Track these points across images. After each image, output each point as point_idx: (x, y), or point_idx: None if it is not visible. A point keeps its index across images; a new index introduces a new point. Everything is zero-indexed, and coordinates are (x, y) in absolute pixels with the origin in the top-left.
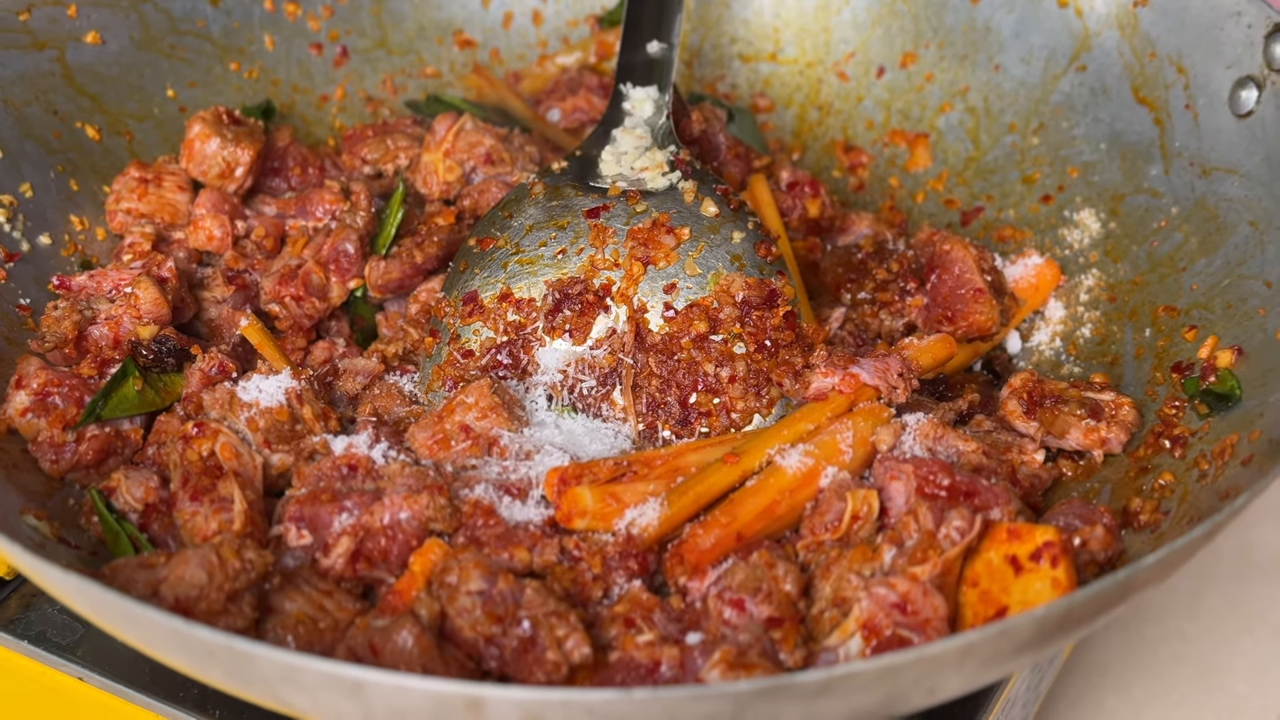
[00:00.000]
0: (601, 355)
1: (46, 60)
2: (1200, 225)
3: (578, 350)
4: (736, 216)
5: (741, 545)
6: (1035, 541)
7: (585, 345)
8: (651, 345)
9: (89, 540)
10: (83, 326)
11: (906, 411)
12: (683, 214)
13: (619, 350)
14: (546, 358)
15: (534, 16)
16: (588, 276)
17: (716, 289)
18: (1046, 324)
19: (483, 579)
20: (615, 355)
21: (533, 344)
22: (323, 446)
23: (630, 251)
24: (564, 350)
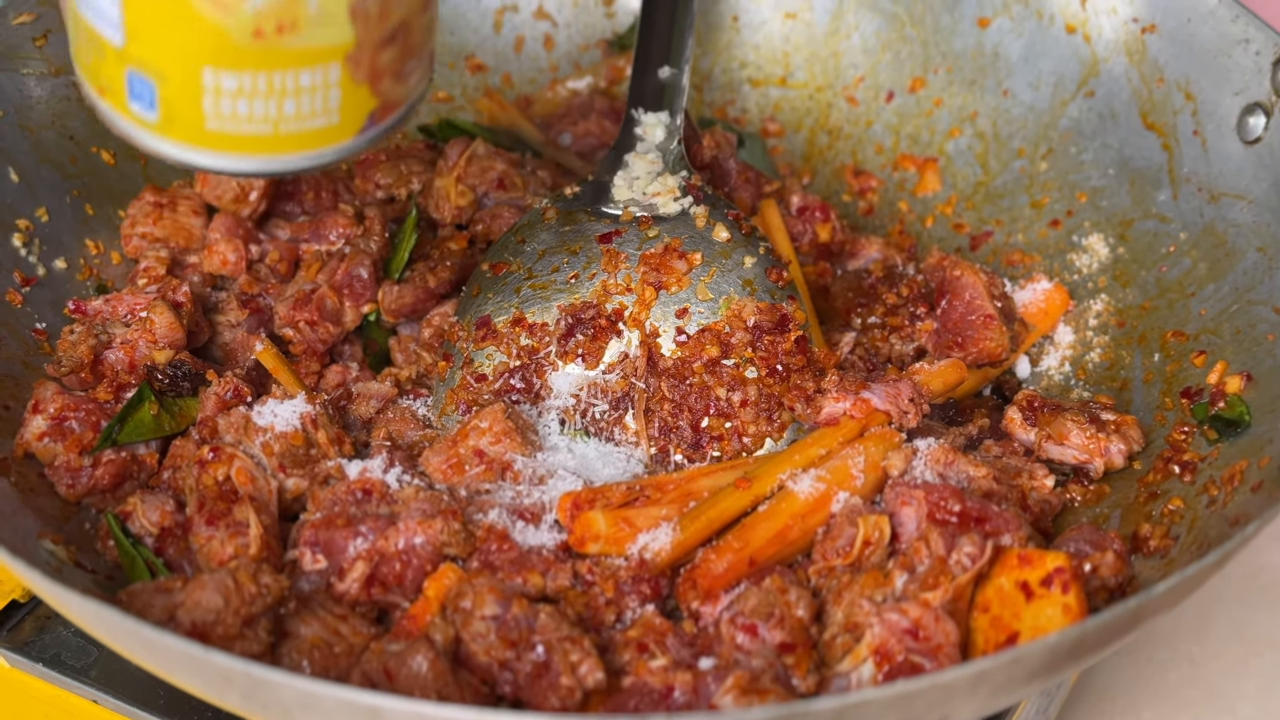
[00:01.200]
0: (614, 380)
1: (63, 85)
2: (1209, 251)
3: (590, 375)
4: (748, 241)
5: (754, 570)
6: (1046, 567)
7: (598, 370)
8: (663, 370)
9: (105, 565)
10: (98, 351)
11: (917, 436)
12: (694, 239)
13: (631, 375)
14: (559, 382)
15: (545, 41)
16: (600, 301)
17: (728, 314)
18: (1056, 349)
19: (497, 604)
20: (628, 380)
21: (545, 368)
22: (337, 471)
23: (642, 276)
24: (577, 375)
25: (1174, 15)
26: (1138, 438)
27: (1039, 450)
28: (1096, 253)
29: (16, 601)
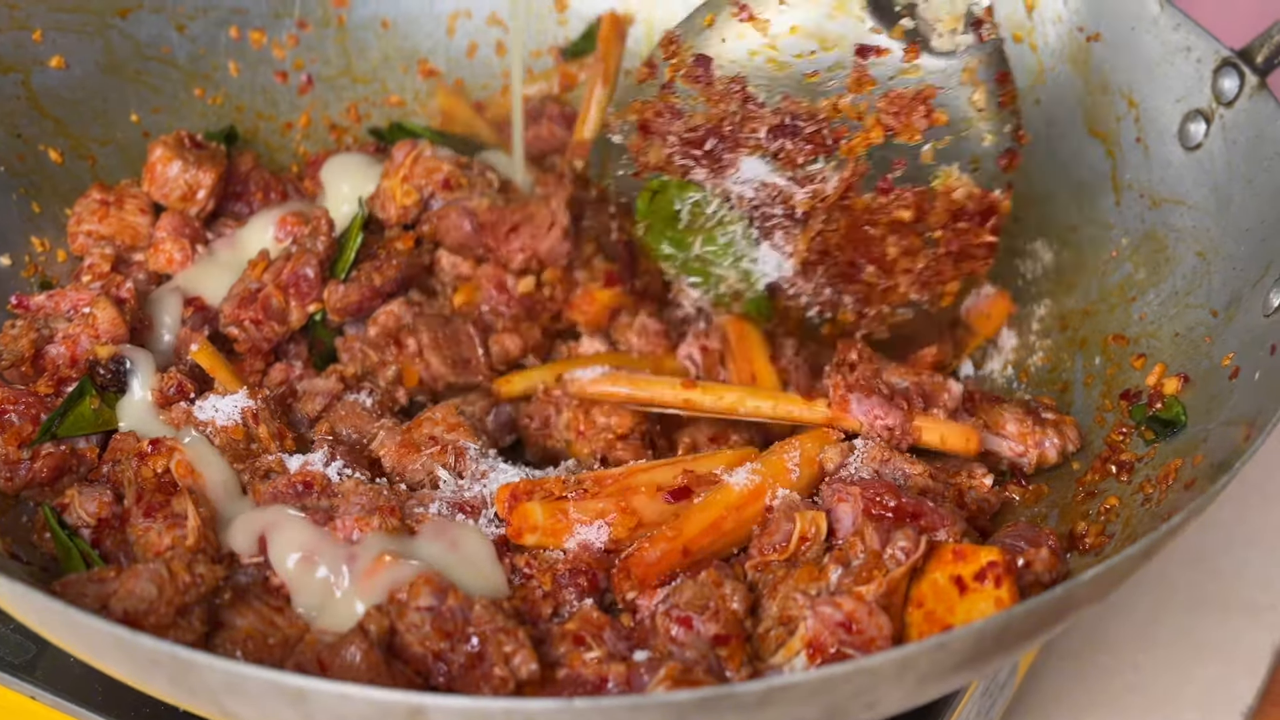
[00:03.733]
0: (801, 196)
1: (11, 84)
2: (1149, 256)
3: (779, 179)
4: (999, 116)
5: (689, 561)
6: (980, 562)
7: (787, 177)
8: (850, 207)
9: (41, 556)
10: (40, 345)
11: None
12: (949, 95)
13: (818, 199)
14: (749, 168)
15: (497, 47)
16: (826, 116)
17: (941, 186)
18: (999, 352)
19: (432, 595)
20: (813, 202)
21: (742, 147)
22: (278, 464)
23: (879, 112)
24: (765, 171)
25: (1118, 24)
26: (1074, 437)
27: None
28: (1041, 258)
29: None
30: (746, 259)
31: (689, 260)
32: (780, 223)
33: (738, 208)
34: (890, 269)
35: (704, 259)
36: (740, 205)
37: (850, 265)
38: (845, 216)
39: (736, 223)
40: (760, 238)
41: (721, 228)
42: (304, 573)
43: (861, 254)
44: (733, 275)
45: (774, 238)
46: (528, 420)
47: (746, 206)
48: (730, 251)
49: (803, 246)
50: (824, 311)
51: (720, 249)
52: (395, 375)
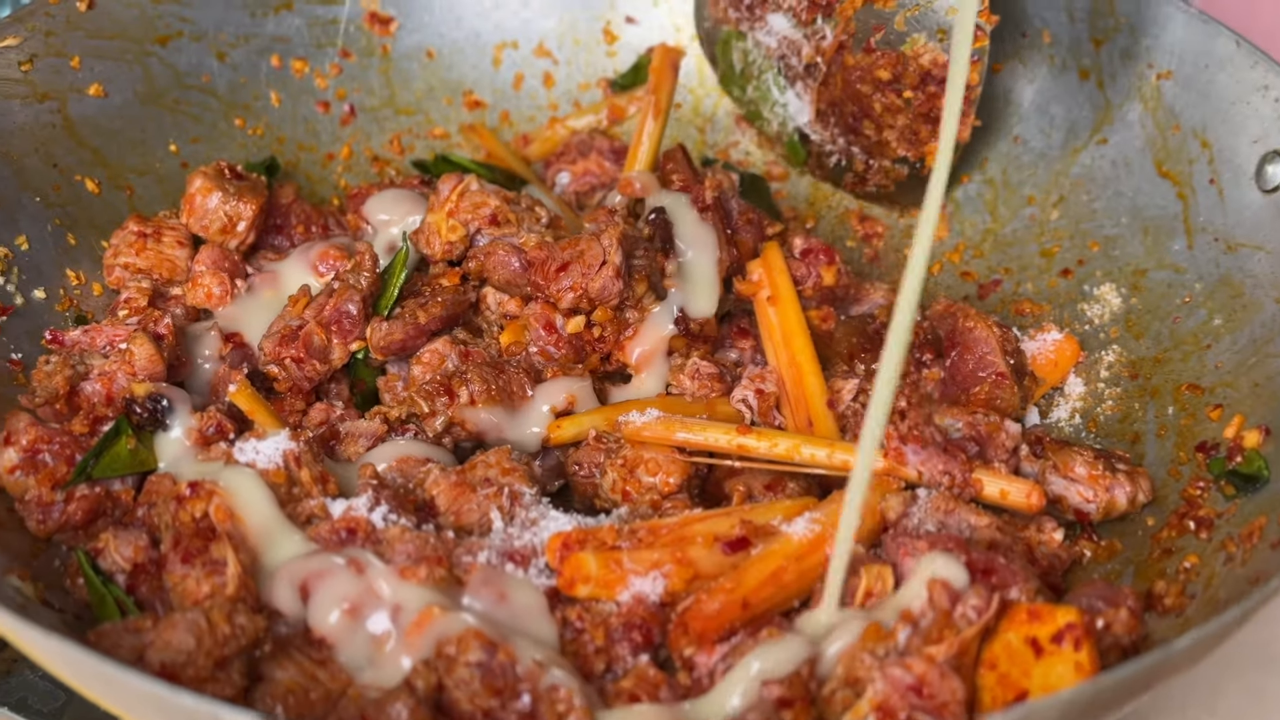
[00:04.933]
0: (808, 49)
1: (47, 112)
2: (1225, 302)
3: (794, 33)
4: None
5: (748, 615)
6: (1057, 623)
7: (801, 33)
8: (845, 64)
9: (74, 603)
10: (75, 382)
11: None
12: None
13: (819, 53)
14: (775, 22)
15: (545, 79)
16: None
17: (911, 51)
18: (1066, 400)
19: (482, 650)
20: (815, 55)
21: (768, 3)
22: (320, 510)
23: None
24: (787, 27)
25: (1191, 61)
26: (1146, 488)
27: (1042, 481)
28: (1108, 303)
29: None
30: (779, 104)
31: (746, 102)
32: (798, 72)
33: (769, 57)
34: (879, 123)
35: (755, 101)
36: (770, 55)
37: (853, 118)
38: (841, 72)
39: (769, 70)
40: (786, 85)
41: (761, 75)
42: (348, 625)
43: (857, 105)
44: (774, 120)
45: (796, 86)
46: (576, 467)
47: (774, 56)
48: (769, 97)
49: (814, 95)
50: (841, 159)
51: (762, 94)
52: (444, 424)
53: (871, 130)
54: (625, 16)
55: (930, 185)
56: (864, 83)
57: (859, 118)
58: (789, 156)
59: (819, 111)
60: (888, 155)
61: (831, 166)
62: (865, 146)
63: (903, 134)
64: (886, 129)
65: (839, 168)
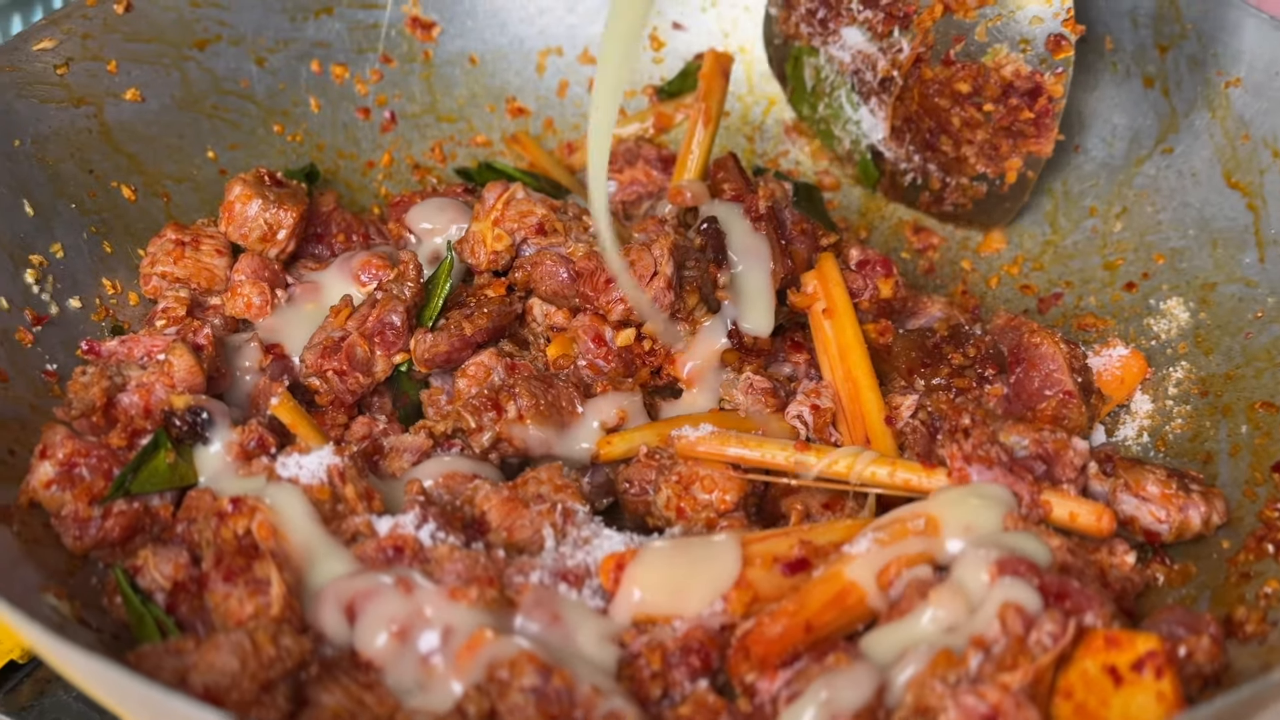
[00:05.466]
0: (883, 63)
1: (84, 117)
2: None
3: (869, 47)
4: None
5: (812, 639)
6: (1137, 650)
7: (876, 46)
8: (922, 77)
9: (111, 623)
10: (112, 394)
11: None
12: None
13: (895, 66)
14: (849, 36)
15: (590, 86)
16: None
17: (992, 62)
18: (1133, 418)
19: (536, 674)
20: (891, 69)
21: (842, 17)
22: (366, 527)
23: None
24: (861, 40)
25: (1262, 68)
26: (1222, 509)
27: (1113, 500)
28: (1176, 317)
29: (15, 663)
30: (851, 121)
31: (817, 121)
32: (872, 88)
33: (842, 73)
34: (957, 139)
35: (826, 120)
36: (843, 70)
37: (930, 134)
38: (919, 86)
39: (842, 86)
40: (860, 101)
41: (833, 92)
42: (396, 648)
43: (934, 120)
44: (846, 138)
45: (870, 102)
46: (627, 485)
47: (848, 72)
48: (841, 114)
49: (889, 111)
50: (917, 177)
51: (834, 111)
52: (492, 440)
53: (949, 146)
54: (672, 22)
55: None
56: (942, 96)
57: (936, 133)
58: (861, 176)
59: (894, 128)
60: (966, 172)
61: (906, 185)
62: (942, 163)
63: (982, 149)
64: (965, 144)
65: (914, 186)
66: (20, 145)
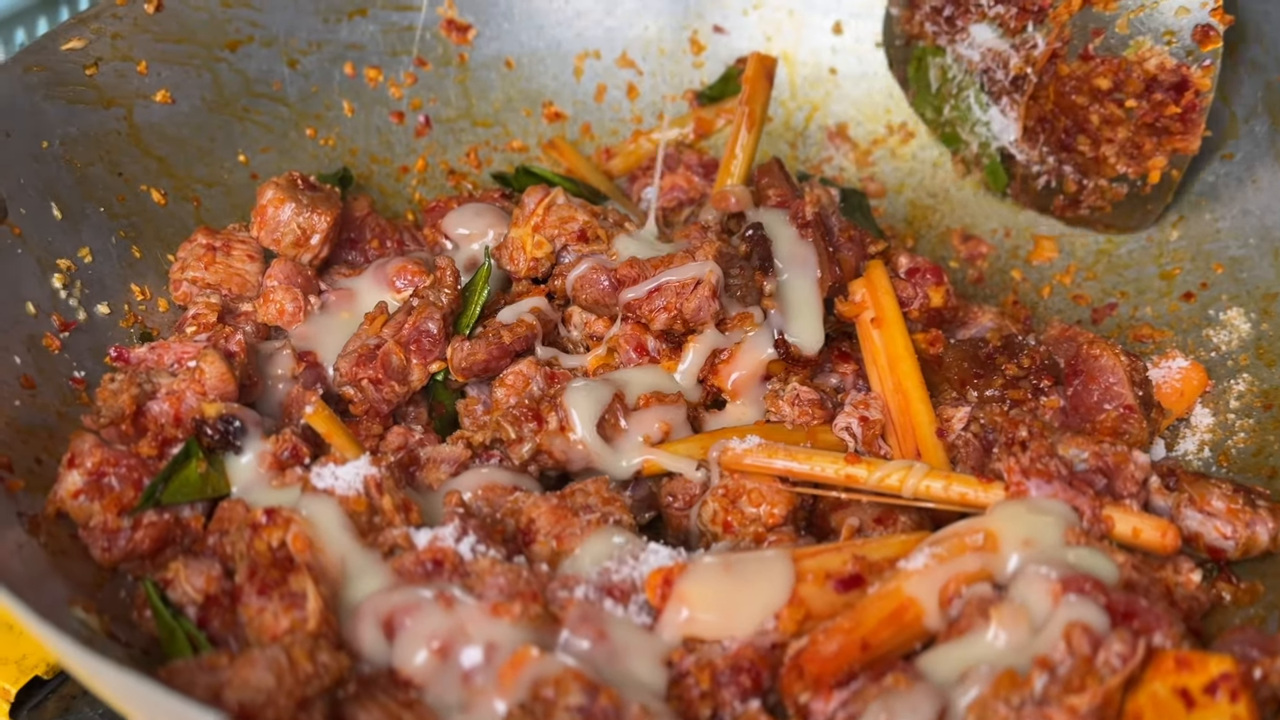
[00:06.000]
0: (1015, 60)
1: (113, 119)
2: None
3: (1001, 44)
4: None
5: (869, 658)
6: (1210, 672)
7: (1009, 43)
8: (1058, 74)
9: (141, 637)
10: (141, 401)
11: None
12: None
13: (1029, 63)
14: (978, 33)
15: (628, 90)
16: None
17: (1134, 56)
18: (1193, 432)
19: (582, 693)
20: (1025, 66)
21: (970, 14)
22: (404, 540)
23: None
24: (992, 37)
25: None
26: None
27: (1176, 517)
28: (1237, 328)
29: (40, 678)
30: (980, 123)
31: (942, 124)
32: (1004, 87)
33: (970, 72)
34: (1096, 138)
35: (952, 123)
36: (972, 70)
37: (1066, 134)
38: (1054, 83)
39: (970, 87)
40: (990, 101)
41: (961, 93)
42: (437, 665)
43: (1071, 119)
44: (974, 141)
45: (1001, 102)
46: (670, 498)
47: (977, 71)
48: (969, 116)
49: (1022, 110)
50: (1050, 180)
51: (961, 114)
52: (532, 452)
53: (1087, 146)
54: (713, 26)
55: None
56: (1080, 93)
57: (1073, 133)
58: (990, 180)
59: (1027, 129)
60: (1105, 173)
61: (1039, 189)
62: (1079, 165)
63: (1123, 148)
64: (1105, 143)
65: (1047, 190)
66: (48, 147)
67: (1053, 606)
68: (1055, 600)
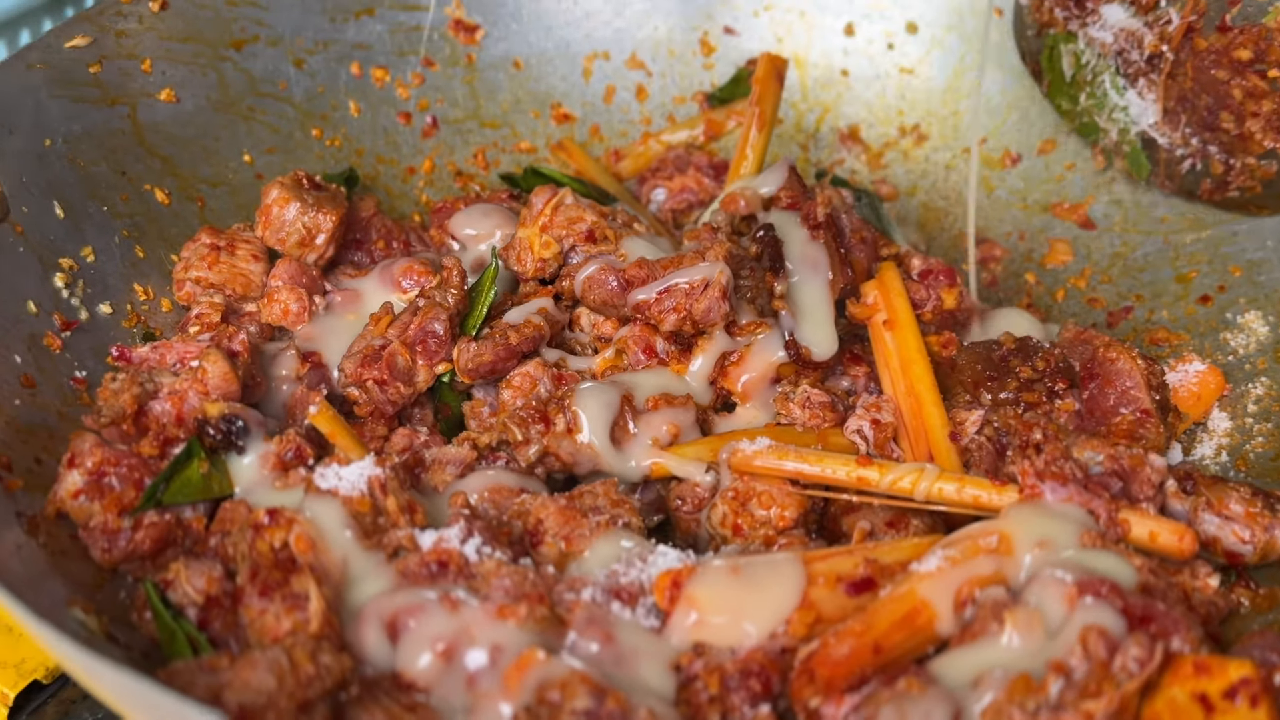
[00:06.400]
0: (1151, 38)
1: (117, 117)
2: None
3: (1133, 23)
4: None
5: (880, 661)
6: (1229, 678)
7: (1141, 21)
8: (1196, 50)
9: (140, 640)
10: (143, 401)
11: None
12: None
13: (1164, 40)
14: (1109, 14)
15: (638, 91)
16: None
17: (1275, 22)
18: (1210, 436)
19: (589, 697)
20: (1160, 43)
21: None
22: (409, 541)
23: None
24: (1124, 17)
25: None
26: None
27: (1194, 520)
28: (1255, 332)
29: (39, 683)
30: (1118, 109)
31: (1079, 114)
32: (1140, 68)
33: (1104, 56)
34: (1240, 113)
35: (1089, 111)
36: (1105, 53)
37: (1208, 112)
38: (1192, 59)
39: (1105, 71)
40: (1126, 85)
41: (1096, 79)
42: (441, 668)
43: (1212, 96)
44: (1112, 129)
45: (1138, 85)
46: (679, 502)
47: (1110, 54)
48: (1106, 102)
49: (1160, 91)
50: (1195, 163)
51: (1098, 101)
52: (538, 454)
53: (1230, 123)
54: (724, 27)
55: None
56: (1220, 67)
57: (1215, 110)
58: (1132, 168)
59: (1166, 110)
60: (1251, 150)
61: (1184, 173)
62: (1224, 144)
63: (1269, 121)
64: (1249, 118)
65: (1193, 173)
66: (51, 145)
67: (1068, 610)
68: (1071, 604)
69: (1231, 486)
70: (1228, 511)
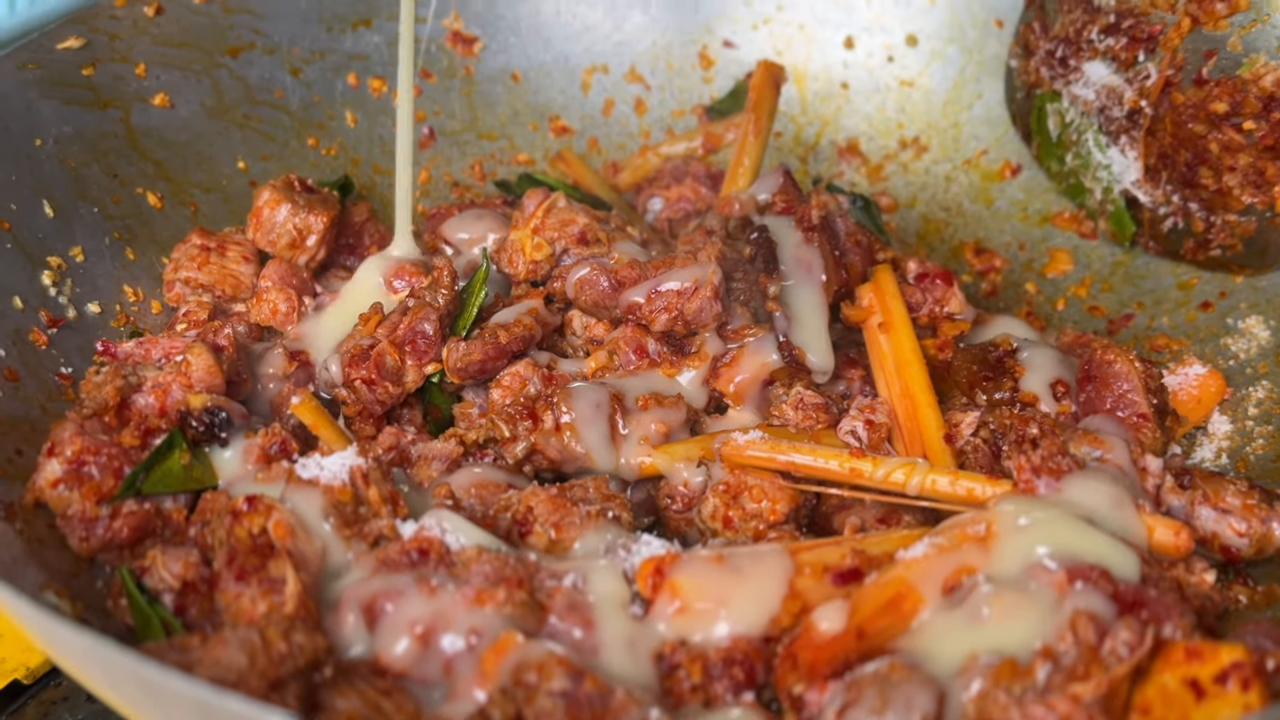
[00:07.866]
0: (1130, 93)
1: (110, 120)
2: None
3: (1115, 79)
4: None
5: (864, 646)
6: (1220, 662)
7: (1122, 77)
8: (1174, 103)
9: (116, 626)
10: (126, 394)
11: None
12: None
13: (1144, 95)
14: (1092, 70)
15: (636, 105)
16: (1144, 11)
17: (1249, 73)
18: (1210, 439)
19: (566, 678)
20: (1139, 98)
21: (1083, 52)
22: (390, 530)
23: (1186, 4)
24: (1105, 74)
25: None
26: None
27: (1190, 515)
28: (1256, 336)
29: (19, 682)
30: (1101, 167)
31: (1066, 174)
32: (1121, 124)
33: (1088, 114)
34: (1217, 168)
35: (1075, 172)
36: (1089, 110)
37: (1187, 168)
38: (1171, 114)
39: (1089, 129)
40: (1109, 142)
41: (1080, 138)
42: (419, 652)
43: (1190, 151)
44: (1097, 187)
45: (1119, 142)
46: (669, 500)
47: (1093, 111)
48: (1090, 161)
49: (1141, 148)
50: (1177, 221)
51: (1083, 160)
52: (526, 450)
53: (1209, 178)
54: (723, 41)
55: None
56: (1197, 121)
57: (1194, 165)
58: (1116, 230)
59: (1148, 167)
60: (1231, 207)
61: (1167, 232)
62: (1204, 201)
63: (1246, 176)
64: (1227, 172)
65: (1175, 232)
66: (42, 145)
67: (1058, 597)
68: (1061, 591)
69: (1228, 480)
70: (1224, 504)
